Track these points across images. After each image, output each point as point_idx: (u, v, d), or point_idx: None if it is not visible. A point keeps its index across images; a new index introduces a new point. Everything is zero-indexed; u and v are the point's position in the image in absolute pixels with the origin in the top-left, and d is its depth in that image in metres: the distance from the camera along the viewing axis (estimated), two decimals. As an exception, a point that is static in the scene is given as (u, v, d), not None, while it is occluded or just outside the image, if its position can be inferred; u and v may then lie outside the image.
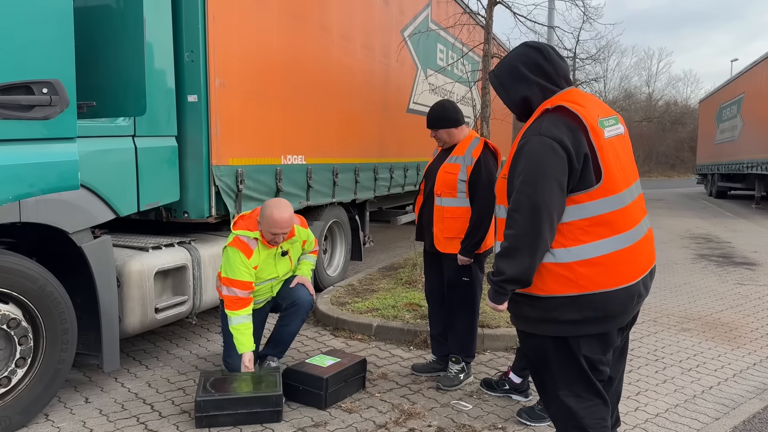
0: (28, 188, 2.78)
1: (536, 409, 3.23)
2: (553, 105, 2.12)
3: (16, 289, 2.98)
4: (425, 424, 3.18)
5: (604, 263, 2.06)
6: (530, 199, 2.01)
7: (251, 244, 3.55)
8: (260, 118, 4.91)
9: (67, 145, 2.90)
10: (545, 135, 2.04)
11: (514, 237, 2.05)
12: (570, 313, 2.08)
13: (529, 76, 2.20)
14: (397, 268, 6.91)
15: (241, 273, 3.49)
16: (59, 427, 3.12)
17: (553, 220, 2.02)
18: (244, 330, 3.51)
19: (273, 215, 3.47)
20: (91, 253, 3.30)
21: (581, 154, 2.03)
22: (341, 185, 6.30)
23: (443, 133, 3.71)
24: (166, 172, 3.97)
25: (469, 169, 3.57)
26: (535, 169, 2.03)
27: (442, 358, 3.92)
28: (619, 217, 2.07)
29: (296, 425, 3.16)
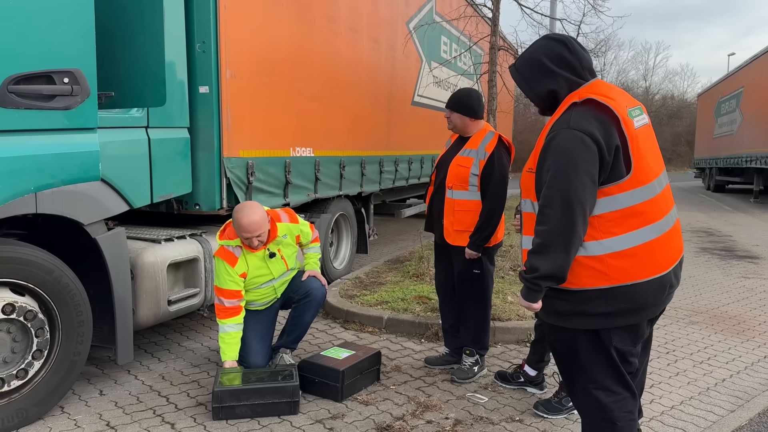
0: (50, 179, 2.76)
1: (553, 402, 3.23)
2: (582, 98, 2.08)
3: (32, 280, 2.96)
4: (442, 417, 3.18)
5: (636, 254, 2.04)
6: (562, 194, 1.98)
7: (235, 252, 3.51)
8: (270, 109, 4.88)
9: (88, 135, 2.88)
10: (575, 128, 2.01)
11: (548, 233, 2.01)
12: (602, 306, 2.06)
13: (555, 70, 2.16)
14: (403, 261, 6.91)
15: (226, 282, 3.48)
16: (75, 420, 3.11)
17: (585, 214, 2.00)
18: (229, 339, 3.49)
19: (240, 221, 3.38)
20: (105, 244, 3.28)
21: (612, 146, 2.00)
22: (348, 178, 6.29)
23: (456, 117, 3.68)
24: (179, 164, 3.94)
25: (482, 163, 3.55)
26: (566, 163, 2.00)
27: (455, 351, 3.92)
28: (649, 208, 2.05)
29: (313, 417, 3.16)
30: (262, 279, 3.64)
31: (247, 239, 3.42)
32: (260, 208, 3.48)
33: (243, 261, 3.53)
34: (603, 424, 2.19)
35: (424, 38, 8.28)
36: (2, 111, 2.55)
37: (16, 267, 2.89)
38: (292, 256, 3.81)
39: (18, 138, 2.64)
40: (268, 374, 3.34)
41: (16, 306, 2.89)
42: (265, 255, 3.60)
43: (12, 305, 2.87)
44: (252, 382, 3.23)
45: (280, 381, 3.23)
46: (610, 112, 2.03)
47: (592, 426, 2.25)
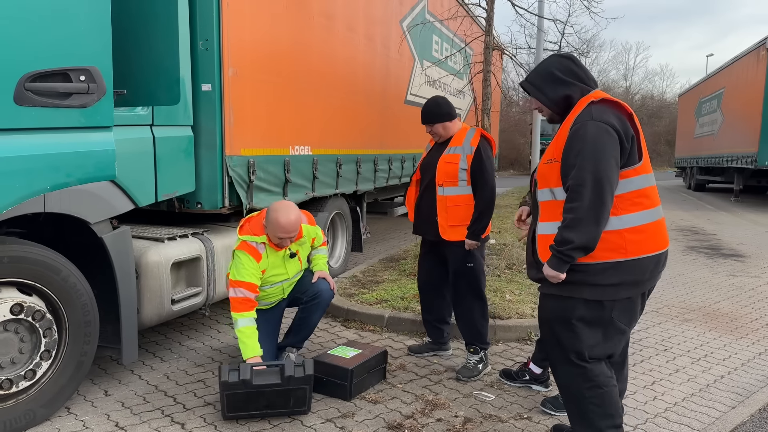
0: (66, 178, 2.73)
1: (560, 399, 3.27)
2: (598, 98, 2.44)
3: (40, 280, 2.93)
4: (451, 415, 3.21)
5: (647, 230, 2.38)
6: (593, 174, 2.27)
7: (259, 249, 3.50)
8: (270, 107, 4.86)
9: (103, 134, 2.85)
10: (598, 120, 2.34)
11: (580, 209, 2.28)
12: (612, 277, 2.37)
13: (567, 80, 2.53)
14: (398, 259, 6.93)
15: (249, 275, 3.44)
16: (83, 421, 3.08)
17: (613, 191, 2.31)
18: (250, 333, 3.40)
19: (279, 220, 3.38)
20: (111, 243, 3.25)
21: (629, 136, 2.36)
22: (344, 176, 6.29)
23: (439, 127, 3.86)
24: (183, 162, 3.92)
25: (470, 157, 3.71)
26: (594, 147, 2.30)
27: (437, 340, 4.11)
28: (653, 192, 2.44)
29: (323, 416, 3.17)
30: (277, 278, 3.63)
31: (281, 239, 3.42)
32: (296, 208, 3.50)
33: (266, 258, 3.53)
34: (590, 392, 2.47)
35: (416, 37, 8.30)
36: (19, 109, 2.51)
37: (24, 267, 2.85)
38: (305, 257, 3.84)
39: (34, 136, 2.61)
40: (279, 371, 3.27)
41: (24, 306, 2.86)
42: (286, 255, 3.62)
43: (20, 305, 2.84)
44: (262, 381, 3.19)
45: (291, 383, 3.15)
46: (624, 108, 2.42)
47: (580, 399, 2.52)
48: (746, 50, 16.93)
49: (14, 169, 2.52)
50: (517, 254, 6.46)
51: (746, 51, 16.88)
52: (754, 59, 15.93)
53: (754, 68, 15.76)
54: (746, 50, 16.93)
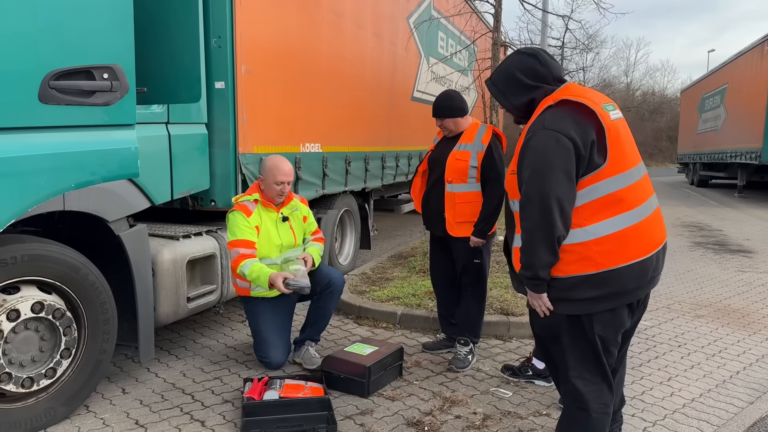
0: (90, 176, 2.73)
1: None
2: (555, 100, 2.21)
3: (59, 278, 2.93)
4: (470, 411, 3.21)
5: (619, 239, 2.14)
6: (540, 190, 2.10)
7: (250, 206, 3.67)
8: (281, 105, 4.86)
9: (126, 131, 2.85)
10: (549, 128, 2.14)
11: (530, 230, 2.15)
12: (586, 291, 2.16)
13: (530, 83, 2.32)
14: (406, 256, 6.93)
15: (243, 231, 3.59)
16: (103, 419, 3.09)
17: (563, 208, 2.10)
18: (257, 269, 3.52)
19: (279, 164, 3.66)
20: (128, 242, 3.25)
21: (588, 142, 2.12)
22: (353, 173, 6.29)
23: (450, 122, 3.83)
24: (198, 160, 3.92)
25: (480, 155, 3.69)
26: (542, 161, 2.12)
27: (451, 337, 4.07)
28: (629, 194, 2.17)
29: (342, 413, 3.17)
30: (270, 244, 3.69)
31: (280, 184, 3.64)
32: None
33: (257, 215, 3.67)
34: (578, 413, 2.30)
35: (423, 34, 8.29)
36: (43, 107, 2.51)
37: (44, 265, 2.85)
38: (300, 233, 3.88)
39: (59, 134, 2.61)
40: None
41: (45, 304, 2.85)
42: (278, 218, 3.75)
43: (41, 303, 2.84)
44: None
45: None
46: (585, 107, 2.15)
47: (569, 415, 2.38)
48: (750, 46, 16.90)
49: (39, 168, 2.52)
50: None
51: (750, 46, 16.85)
52: (758, 55, 15.90)
53: (758, 64, 15.74)
54: (750, 46, 16.90)
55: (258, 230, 3.66)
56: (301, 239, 3.91)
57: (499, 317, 4.50)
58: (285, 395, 3.17)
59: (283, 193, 3.72)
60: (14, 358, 2.78)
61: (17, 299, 2.76)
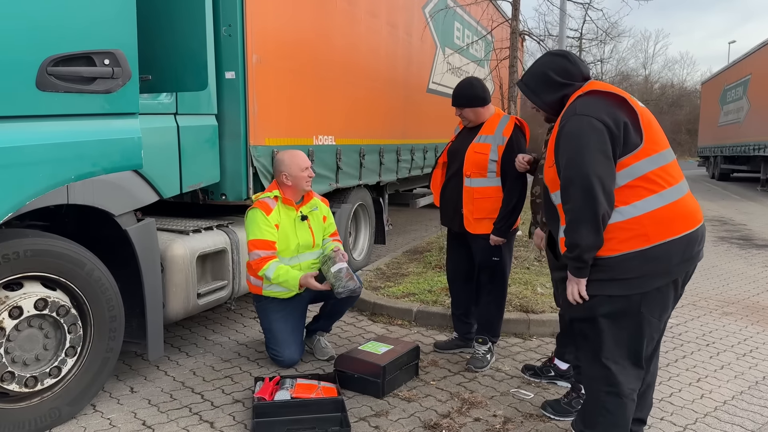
0: (91, 167, 2.61)
1: (562, 402, 3.09)
2: (584, 91, 2.33)
3: (64, 274, 2.83)
4: (490, 414, 3.07)
5: (668, 212, 2.21)
6: (579, 170, 2.17)
7: (270, 203, 3.57)
8: (293, 96, 4.74)
9: (129, 120, 2.73)
10: (581, 113, 2.24)
11: (575, 210, 2.20)
12: (637, 268, 2.21)
13: (559, 80, 2.45)
14: (422, 251, 6.79)
15: (262, 231, 3.50)
16: (110, 419, 2.99)
17: (605, 185, 2.16)
18: (283, 272, 3.46)
19: (291, 153, 3.62)
20: (136, 236, 3.15)
21: (620, 123, 2.20)
22: (367, 167, 6.16)
23: (469, 112, 3.62)
24: (208, 152, 3.81)
25: (501, 148, 3.50)
26: (578, 143, 2.20)
27: (464, 336, 3.92)
28: (668, 172, 2.25)
29: (356, 414, 3.05)
30: (288, 243, 3.59)
31: (304, 170, 3.58)
32: None
33: (277, 212, 3.57)
34: (608, 398, 2.33)
35: (438, 24, 8.12)
36: (41, 95, 2.40)
37: (48, 260, 2.75)
38: (318, 233, 3.77)
39: (57, 124, 2.49)
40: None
41: (49, 301, 2.76)
42: (297, 217, 3.64)
43: (44, 300, 2.74)
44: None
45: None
46: (614, 96, 2.27)
47: (596, 399, 2.39)
48: (774, 35, 16.45)
49: (38, 159, 2.41)
50: (545, 246, 6.27)
51: (774, 36, 16.40)
52: (782, 44, 15.49)
53: (783, 54, 15.32)
54: (774, 35, 16.45)
55: (278, 227, 3.57)
56: (319, 240, 3.78)
57: (518, 315, 4.35)
58: (297, 395, 3.05)
59: (311, 176, 3.66)
60: (17, 357, 2.69)
61: (20, 296, 2.67)
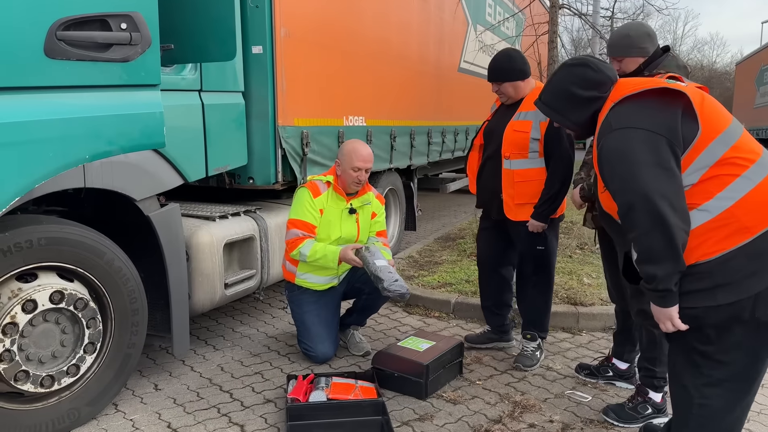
0: (107, 146, 2.35)
1: (626, 407, 2.79)
2: (615, 101, 2.02)
3: (81, 264, 2.60)
4: (546, 419, 2.79)
5: (762, 193, 1.86)
6: (637, 194, 1.87)
7: (321, 187, 3.38)
8: (324, 73, 4.45)
9: (149, 93, 2.46)
10: (617, 128, 1.95)
11: (642, 237, 1.88)
12: (744, 266, 1.86)
13: (590, 95, 2.13)
14: (454, 238, 6.50)
15: (305, 212, 3.29)
16: (132, 420, 2.77)
17: (673, 203, 1.84)
18: (320, 248, 3.24)
19: (354, 146, 3.35)
20: (159, 223, 2.91)
21: (669, 123, 1.90)
22: (398, 150, 5.86)
23: (509, 86, 3.26)
24: (234, 133, 3.55)
25: (544, 125, 3.15)
26: (624, 164, 1.91)
27: (497, 328, 3.64)
28: (743, 148, 1.92)
29: (398, 418, 2.79)
30: (329, 232, 3.34)
31: (357, 170, 3.30)
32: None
33: (325, 198, 3.35)
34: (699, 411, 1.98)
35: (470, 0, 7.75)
36: (50, 63, 2.14)
37: (64, 249, 2.52)
38: (365, 230, 3.49)
39: (69, 96, 2.23)
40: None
41: (65, 294, 2.53)
42: (345, 209, 3.39)
43: (60, 293, 2.51)
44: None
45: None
46: (650, 92, 1.95)
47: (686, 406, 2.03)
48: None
49: (47, 136, 2.14)
50: (588, 233, 5.94)
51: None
52: (828, 21, 14.72)
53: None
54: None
55: (322, 212, 3.34)
56: (364, 237, 3.52)
57: (566, 307, 4.04)
58: (334, 396, 2.80)
59: (360, 181, 3.35)
60: (32, 354, 2.47)
61: (34, 288, 2.44)
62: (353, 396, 2.82)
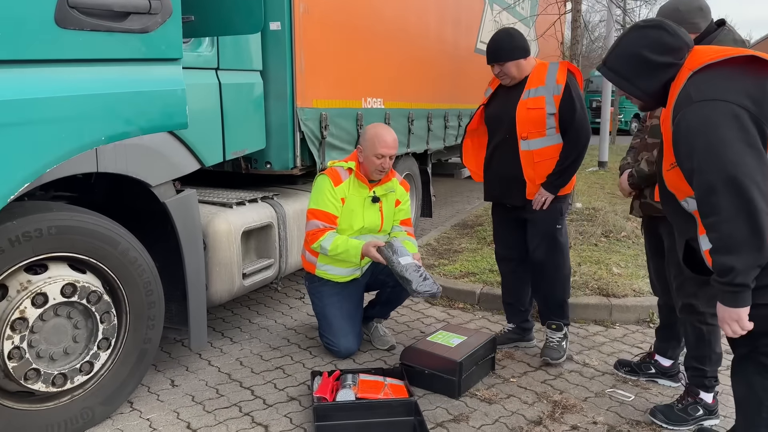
0: (125, 126, 2.15)
1: (675, 408, 2.61)
2: (695, 68, 1.84)
3: (94, 255, 2.42)
4: (589, 421, 2.62)
5: None
6: (721, 174, 1.71)
7: (342, 174, 3.18)
8: (342, 53, 4.24)
9: (171, 68, 2.25)
10: (701, 99, 1.78)
11: (723, 224, 1.72)
12: None
13: (660, 60, 1.94)
14: (472, 225, 6.31)
15: (326, 202, 3.08)
16: (149, 419, 2.61)
17: (759, 184, 1.69)
18: (342, 242, 3.06)
19: (377, 131, 3.13)
20: (175, 210, 2.73)
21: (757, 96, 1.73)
22: (415, 133, 5.65)
23: (512, 66, 3.04)
24: (253, 114, 3.36)
25: (557, 98, 2.99)
26: (709, 139, 1.74)
27: (521, 326, 3.43)
28: None
29: (431, 418, 2.62)
30: (351, 222, 3.15)
31: (381, 157, 3.09)
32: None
33: (346, 187, 3.15)
34: None
35: (486, -23, 7.49)
36: (62, 33, 1.94)
37: (76, 238, 2.34)
38: (389, 219, 3.30)
39: (84, 71, 2.02)
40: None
41: (78, 286, 2.35)
42: (368, 198, 3.20)
43: (73, 285, 2.34)
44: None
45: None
46: (735, 60, 1.79)
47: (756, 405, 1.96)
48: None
49: (58, 115, 1.94)
50: (613, 220, 5.74)
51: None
52: None
53: None
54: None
55: (343, 202, 3.15)
56: (388, 226, 3.33)
57: (598, 299, 3.86)
58: (363, 395, 2.63)
59: (384, 169, 3.15)
60: (43, 351, 2.30)
61: (44, 280, 2.27)
62: (383, 395, 2.65)
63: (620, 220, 5.83)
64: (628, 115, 26.14)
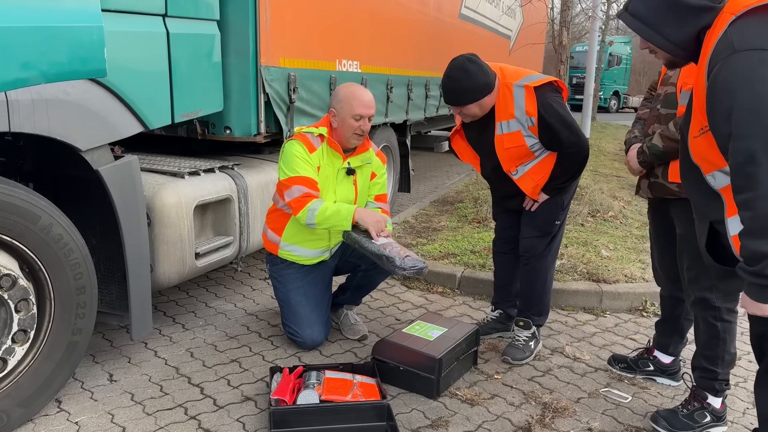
0: (20, 71, 1.73)
1: (680, 414, 2.33)
2: (736, 14, 1.54)
3: (9, 231, 2.02)
4: (583, 426, 2.32)
5: None
6: (764, 140, 1.46)
7: (314, 141, 2.77)
8: (314, 7, 3.81)
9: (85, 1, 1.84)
10: (744, 49, 1.50)
11: (760, 201, 1.48)
12: None
13: (696, 4, 1.65)
14: (452, 202, 5.98)
15: (303, 167, 2.68)
16: (77, 423, 2.24)
17: None
18: (329, 205, 2.66)
19: (352, 89, 2.78)
20: (111, 179, 2.32)
21: None
22: (395, 102, 5.26)
23: (474, 107, 2.64)
24: (208, 71, 2.93)
25: (534, 129, 2.63)
26: (752, 96, 1.47)
27: (507, 311, 3.13)
28: None
29: (407, 424, 2.30)
30: (324, 197, 2.76)
31: (359, 119, 2.72)
32: None
33: (320, 154, 2.75)
34: None
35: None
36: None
37: (-17, 212, 1.93)
38: (363, 193, 2.94)
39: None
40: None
41: (-15, 269, 1.95)
42: (342, 169, 2.82)
43: (-22, 268, 1.94)
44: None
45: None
46: None
47: None
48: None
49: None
50: (600, 199, 5.46)
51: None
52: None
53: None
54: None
55: (319, 170, 2.76)
56: (362, 201, 2.94)
57: (587, 285, 3.57)
58: (328, 397, 2.30)
59: (363, 132, 2.76)
60: (-59, 347, 1.91)
61: (-60, 263, 1.87)
62: (351, 396, 2.32)
63: (607, 198, 5.56)
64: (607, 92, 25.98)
